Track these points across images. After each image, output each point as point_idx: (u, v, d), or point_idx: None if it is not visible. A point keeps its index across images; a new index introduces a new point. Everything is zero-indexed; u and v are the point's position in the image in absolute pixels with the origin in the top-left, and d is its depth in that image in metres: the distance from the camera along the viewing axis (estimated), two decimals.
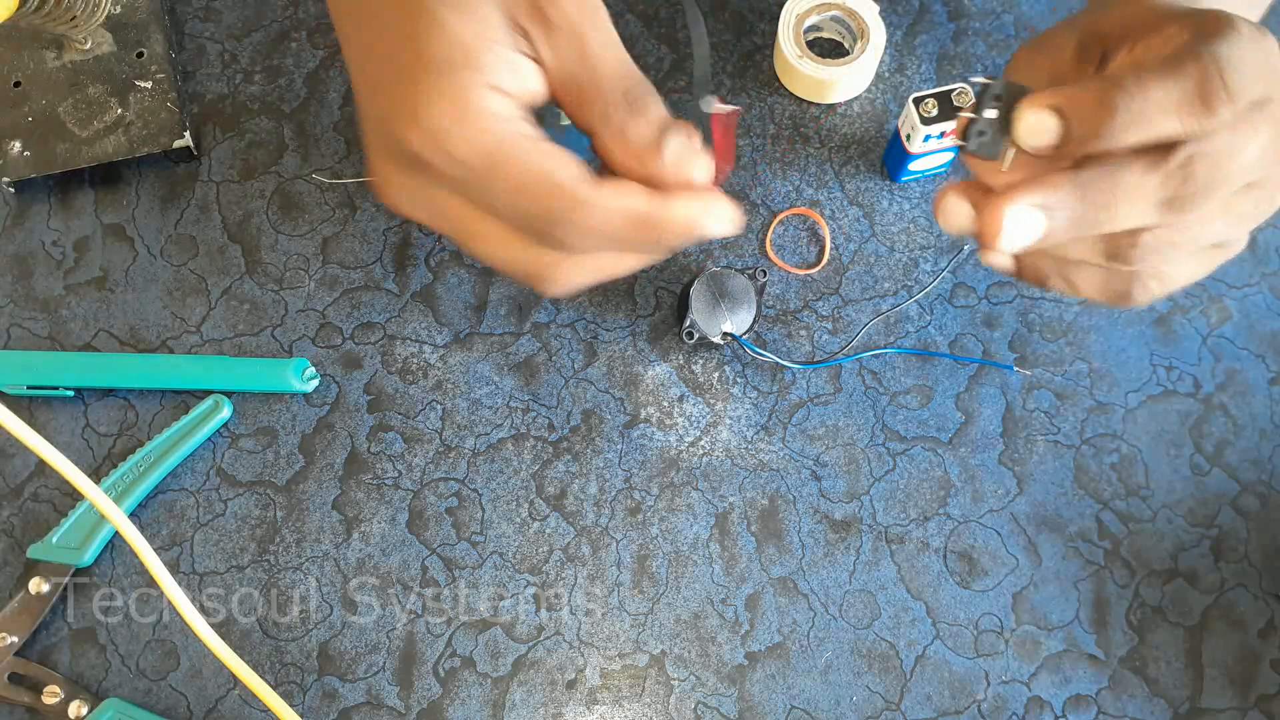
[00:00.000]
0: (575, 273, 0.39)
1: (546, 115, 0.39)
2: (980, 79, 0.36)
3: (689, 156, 0.38)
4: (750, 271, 0.55)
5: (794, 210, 0.59)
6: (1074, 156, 0.35)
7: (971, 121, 0.36)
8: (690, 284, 0.55)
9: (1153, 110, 0.33)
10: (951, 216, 0.37)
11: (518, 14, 0.37)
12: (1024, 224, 0.35)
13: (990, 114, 0.36)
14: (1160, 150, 0.34)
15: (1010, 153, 0.36)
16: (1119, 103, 0.33)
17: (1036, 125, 0.35)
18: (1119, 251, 0.37)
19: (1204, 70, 0.33)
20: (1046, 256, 0.38)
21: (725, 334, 0.55)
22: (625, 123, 0.37)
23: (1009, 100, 0.35)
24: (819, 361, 0.57)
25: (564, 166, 0.36)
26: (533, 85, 0.38)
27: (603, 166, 0.39)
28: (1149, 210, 0.35)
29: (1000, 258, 0.38)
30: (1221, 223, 0.37)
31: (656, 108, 0.38)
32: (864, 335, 0.57)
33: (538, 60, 0.37)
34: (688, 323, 0.55)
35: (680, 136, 0.38)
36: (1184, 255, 0.37)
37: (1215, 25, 0.35)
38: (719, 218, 0.38)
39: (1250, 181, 0.36)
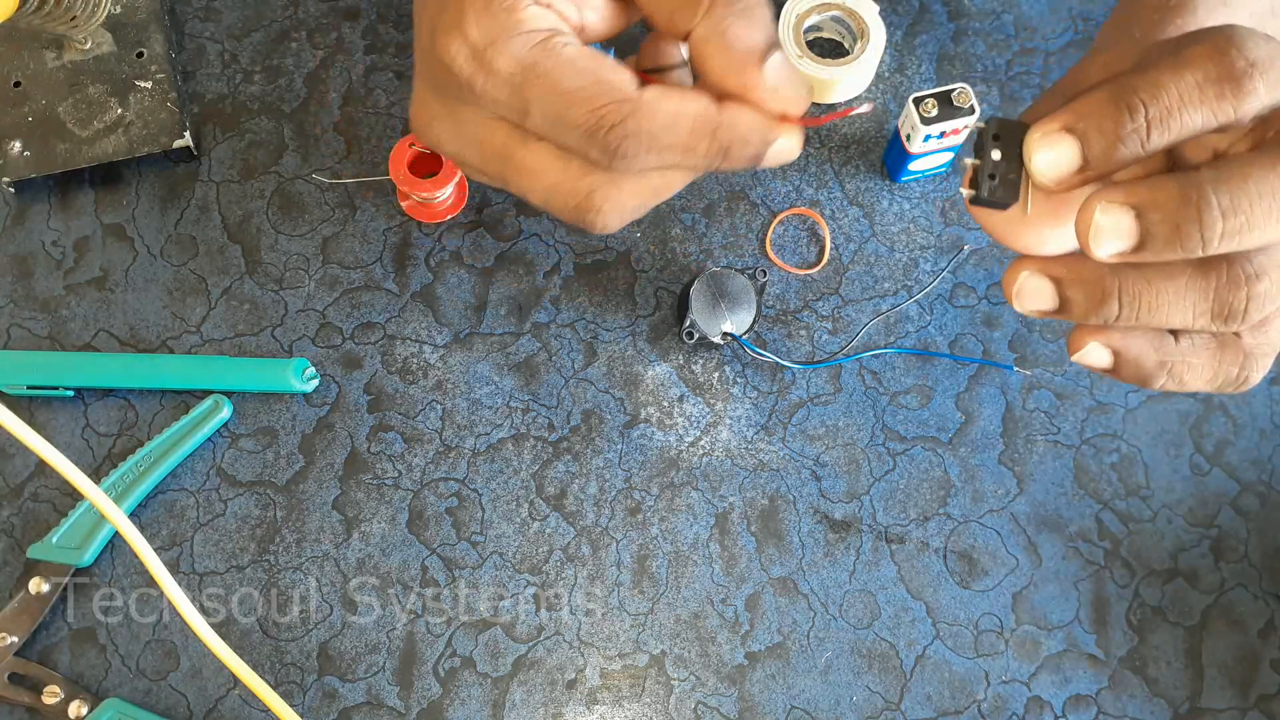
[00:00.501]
0: (625, 197, 0.36)
1: None
2: (974, 122, 0.33)
3: (792, 78, 0.34)
4: (750, 271, 0.55)
5: (794, 210, 0.59)
6: (1101, 179, 0.31)
7: (979, 168, 0.32)
8: (690, 284, 0.55)
9: (1173, 101, 0.29)
10: (1029, 298, 0.33)
11: None
12: (1114, 224, 0.30)
13: (995, 155, 0.32)
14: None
15: (1029, 192, 0.32)
16: (1133, 101, 0.29)
17: (1051, 152, 0.31)
18: (1228, 306, 0.31)
19: (1215, 46, 0.29)
20: (1136, 327, 0.33)
21: (725, 334, 0.55)
22: (731, 22, 0.34)
23: (1011, 137, 0.32)
24: (819, 361, 0.57)
25: (616, 70, 0.34)
26: (591, 16, 0.36)
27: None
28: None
29: (1095, 354, 0.33)
30: None
31: (763, 10, 0.34)
32: (864, 335, 0.57)
33: None
34: (688, 323, 0.55)
35: (784, 59, 0.34)
36: None
37: (1212, 28, 0.31)
38: (788, 142, 0.35)
39: None
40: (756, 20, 0.34)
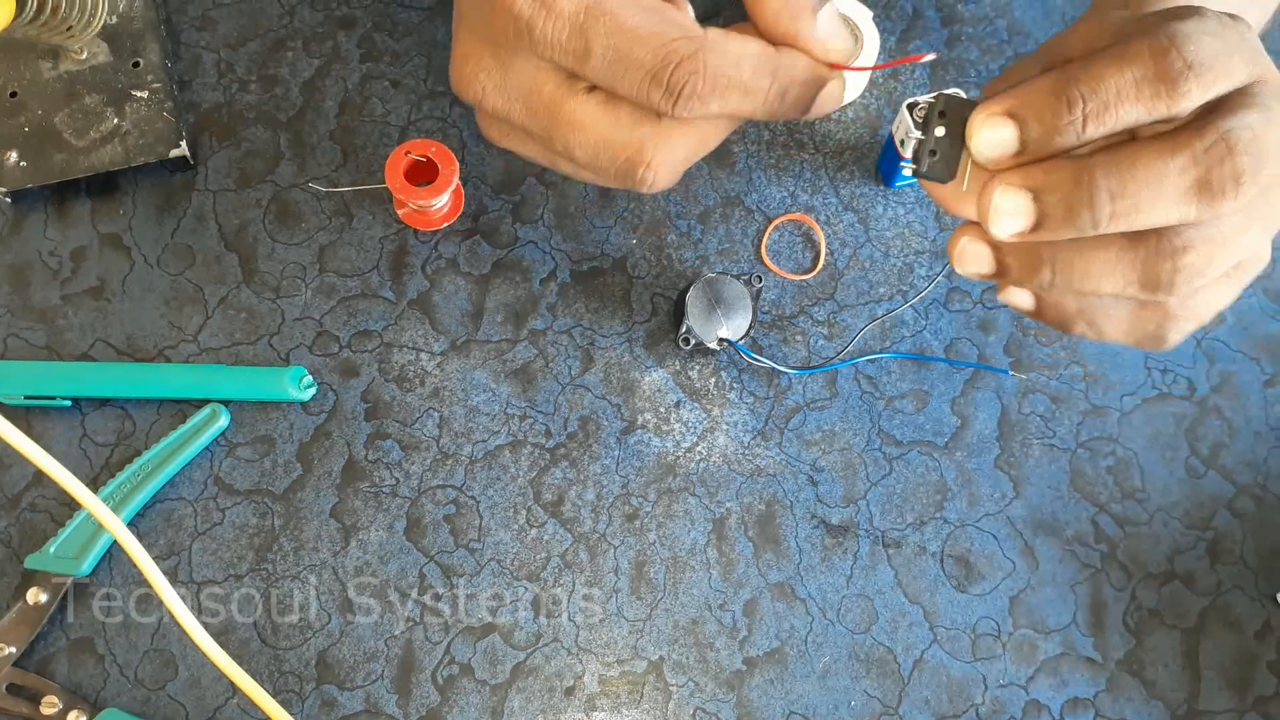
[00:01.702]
0: (676, 149, 0.36)
1: None
2: (924, 98, 0.35)
3: (841, 30, 0.36)
4: (746, 277, 0.56)
5: (789, 216, 0.59)
6: (1037, 162, 0.33)
7: (921, 142, 0.34)
8: (686, 290, 0.55)
9: (1110, 96, 0.31)
10: (969, 261, 0.35)
11: None
12: (1013, 205, 0.32)
13: (939, 132, 0.34)
14: (1191, 130, 0.31)
15: (969, 169, 0.34)
16: (1073, 94, 0.31)
17: (991, 134, 0.32)
18: (1156, 277, 0.32)
19: (1157, 44, 0.30)
20: (1070, 293, 0.35)
21: (721, 340, 0.55)
22: None
23: (957, 115, 0.34)
24: (815, 367, 0.57)
25: (677, 9, 0.35)
26: None
27: None
28: (1177, 199, 0.31)
29: (1018, 296, 0.36)
30: (1254, 229, 0.33)
31: None
32: (859, 340, 0.57)
33: None
34: (684, 328, 0.55)
35: (835, 11, 0.36)
36: (1216, 276, 0.34)
37: (1174, 11, 0.32)
38: (837, 88, 0.36)
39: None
40: None
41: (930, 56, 0.39)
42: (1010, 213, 0.32)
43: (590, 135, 0.36)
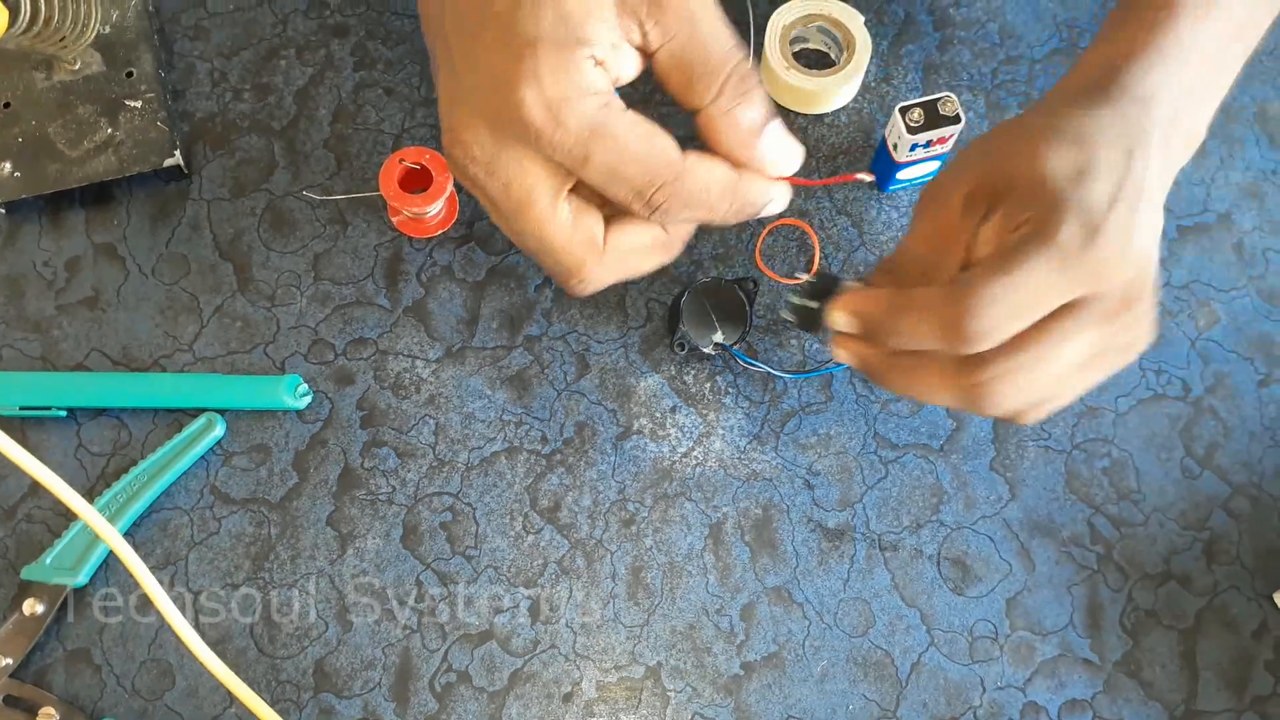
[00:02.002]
0: (609, 273, 0.43)
1: None
2: (805, 277, 0.47)
3: (787, 145, 0.42)
4: (741, 282, 0.56)
5: (783, 221, 0.59)
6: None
7: (798, 308, 0.47)
8: (681, 295, 0.55)
9: (912, 334, 0.42)
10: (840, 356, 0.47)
11: None
12: (844, 321, 0.45)
13: (813, 304, 0.47)
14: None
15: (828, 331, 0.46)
16: (890, 325, 0.43)
17: (840, 321, 0.45)
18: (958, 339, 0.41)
19: (949, 314, 0.40)
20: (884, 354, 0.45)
21: (716, 344, 0.55)
22: (735, 106, 0.40)
23: (826, 291, 0.46)
24: (810, 371, 0.57)
25: (664, 137, 0.40)
26: (626, 69, 0.40)
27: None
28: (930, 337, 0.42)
29: (842, 354, 0.46)
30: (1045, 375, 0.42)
31: (760, 91, 0.40)
32: None
33: (642, 44, 0.40)
34: (678, 334, 0.55)
35: (779, 124, 0.41)
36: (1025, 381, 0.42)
37: (1032, 242, 0.40)
38: (782, 198, 0.43)
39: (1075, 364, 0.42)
40: (756, 102, 0.40)
41: (867, 178, 0.48)
42: (843, 323, 0.45)
43: (546, 237, 0.41)
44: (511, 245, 0.59)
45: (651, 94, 0.61)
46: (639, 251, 0.43)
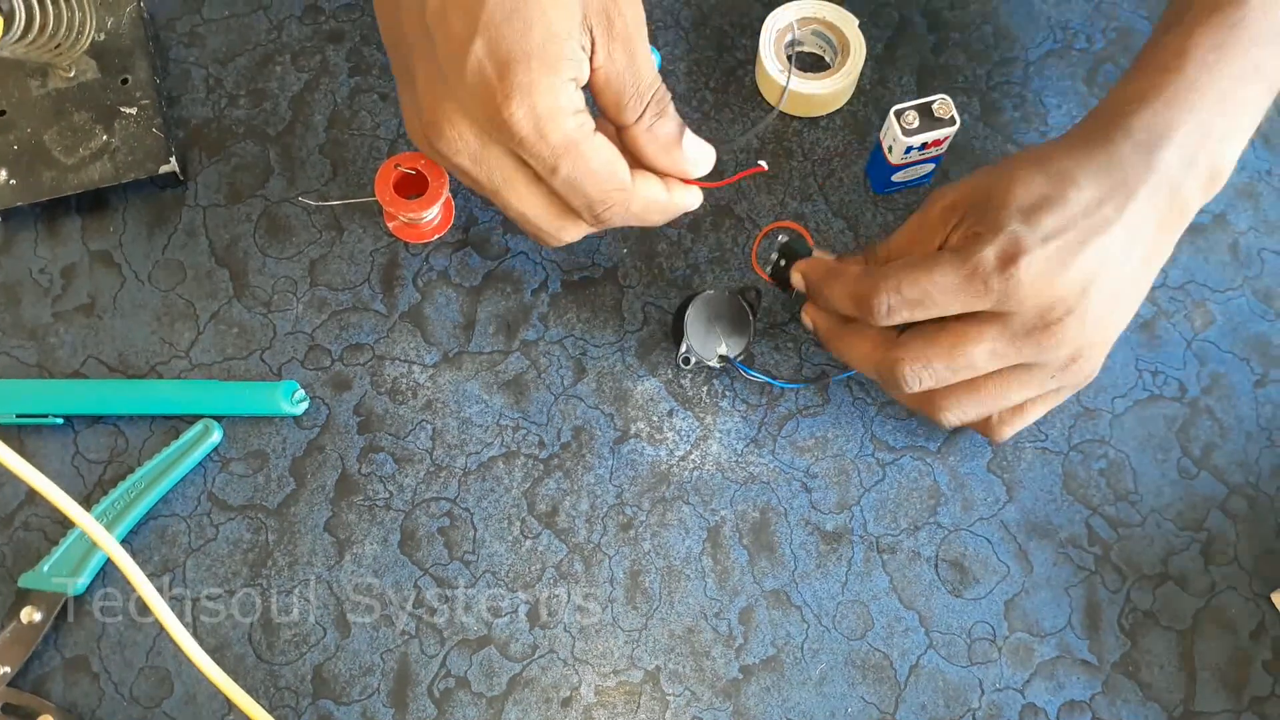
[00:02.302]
0: (577, 235, 0.50)
1: None
2: (783, 238, 0.54)
3: (702, 148, 0.50)
4: (743, 292, 0.56)
5: (778, 224, 0.59)
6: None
7: (775, 265, 0.54)
8: (684, 309, 0.55)
9: (838, 300, 0.50)
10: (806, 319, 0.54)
11: (590, 14, 0.43)
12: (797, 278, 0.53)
13: (783, 262, 0.54)
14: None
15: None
16: (825, 290, 0.50)
17: (795, 278, 0.53)
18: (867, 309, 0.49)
19: (865, 287, 0.48)
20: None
21: (722, 358, 0.55)
22: (657, 123, 0.47)
23: (794, 255, 0.54)
24: (812, 380, 0.57)
25: (621, 161, 0.47)
26: (582, 82, 0.45)
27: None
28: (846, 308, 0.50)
29: (805, 317, 0.53)
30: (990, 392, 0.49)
31: (673, 109, 0.48)
32: None
33: (590, 60, 0.45)
34: (683, 348, 0.55)
35: (692, 135, 0.49)
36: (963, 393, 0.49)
37: (954, 252, 0.46)
38: (697, 197, 0.51)
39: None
40: (672, 116, 0.48)
41: (763, 167, 0.53)
42: (798, 281, 0.53)
43: (525, 208, 0.47)
44: (508, 250, 0.59)
45: None
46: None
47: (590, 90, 0.46)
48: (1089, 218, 0.45)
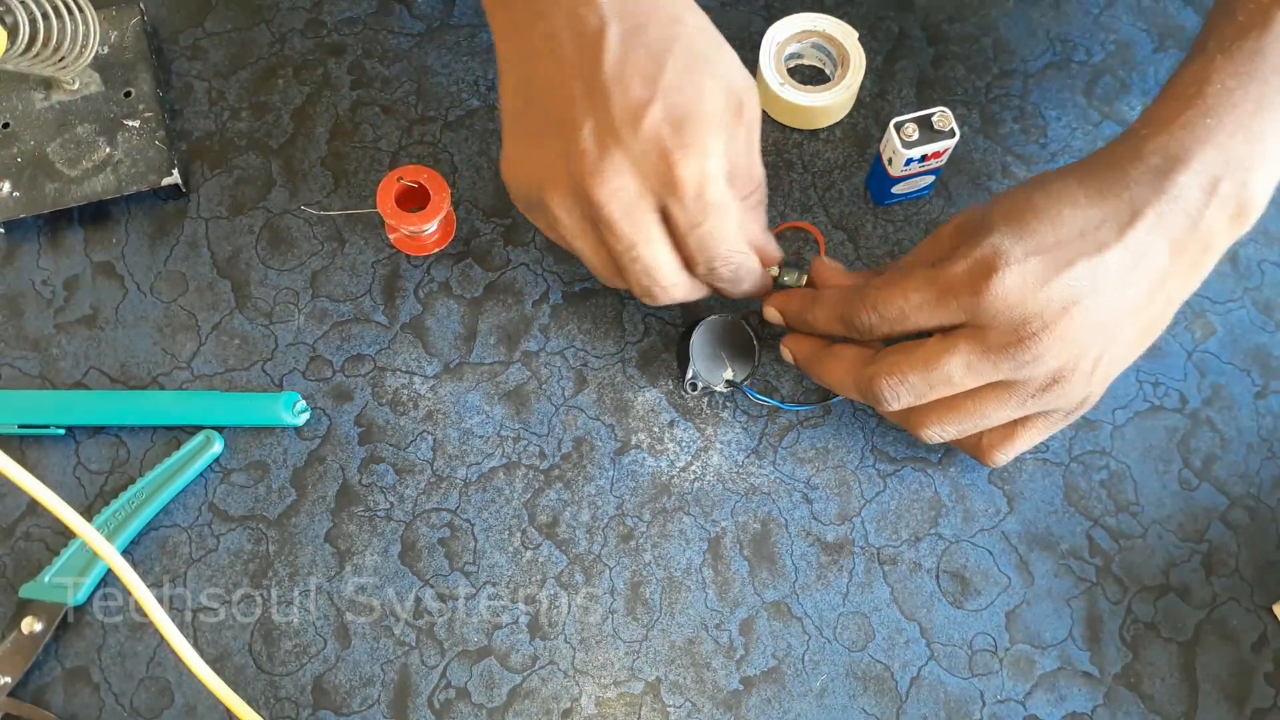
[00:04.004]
0: (686, 294, 0.51)
1: None
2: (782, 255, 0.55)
3: (777, 246, 0.54)
4: (747, 317, 0.56)
5: (787, 225, 0.59)
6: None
7: (781, 274, 0.55)
8: (689, 334, 0.55)
9: (824, 324, 0.52)
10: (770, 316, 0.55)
11: (729, 100, 0.47)
12: (771, 315, 0.55)
13: (785, 279, 0.55)
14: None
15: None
16: (805, 315, 0.53)
17: (771, 315, 0.55)
18: (851, 326, 0.51)
19: (846, 307, 0.50)
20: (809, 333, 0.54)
21: (728, 382, 0.55)
22: (758, 206, 0.52)
23: (797, 266, 0.55)
24: (815, 402, 0.57)
25: (752, 229, 0.51)
26: None
27: None
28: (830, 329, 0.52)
29: (771, 312, 0.55)
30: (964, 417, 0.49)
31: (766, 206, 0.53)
32: None
33: None
34: (690, 374, 0.55)
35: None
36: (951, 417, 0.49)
37: (932, 268, 0.47)
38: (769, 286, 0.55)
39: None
40: (765, 206, 0.53)
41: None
42: (772, 316, 0.55)
43: (655, 260, 0.48)
44: (509, 262, 0.59)
45: None
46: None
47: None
48: (1083, 238, 0.45)
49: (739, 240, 0.49)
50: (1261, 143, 0.46)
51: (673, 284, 0.50)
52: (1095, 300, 0.45)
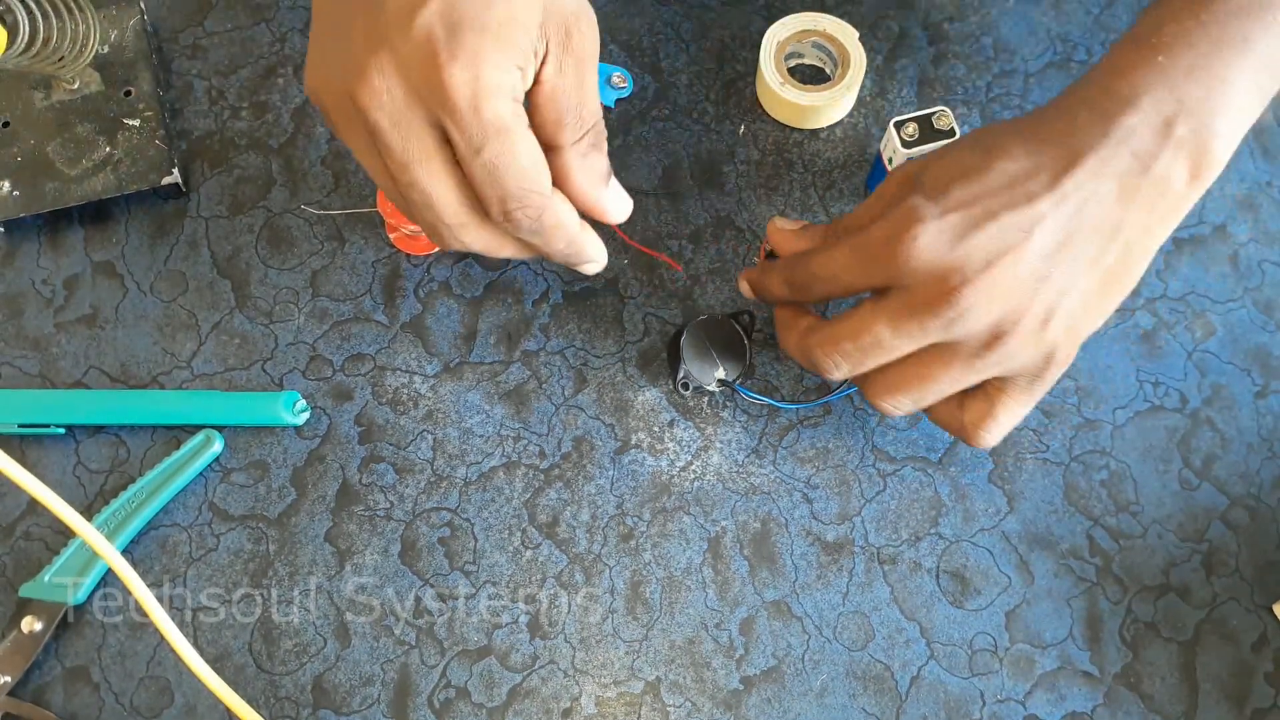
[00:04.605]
0: (473, 242, 0.46)
1: None
2: (767, 248, 0.54)
3: (625, 200, 0.49)
4: (737, 316, 0.56)
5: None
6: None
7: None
8: (679, 335, 0.55)
9: (775, 291, 0.50)
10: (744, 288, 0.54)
11: (550, 22, 0.42)
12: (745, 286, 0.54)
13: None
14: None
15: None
16: (761, 282, 0.52)
17: (744, 289, 0.54)
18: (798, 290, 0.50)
19: (787, 275, 0.49)
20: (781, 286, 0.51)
21: (720, 381, 0.55)
22: (591, 153, 0.46)
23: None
24: (813, 401, 0.57)
25: (546, 167, 0.44)
26: (525, 83, 0.43)
27: None
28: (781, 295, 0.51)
29: (743, 285, 0.53)
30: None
31: (606, 149, 0.47)
32: None
33: (538, 71, 0.43)
34: (681, 374, 0.55)
35: (617, 183, 0.48)
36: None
37: (855, 232, 0.46)
38: (601, 262, 0.51)
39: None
40: (605, 155, 0.47)
41: (678, 266, 0.58)
42: (745, 288, 0.54)
43: (434, 189, 0.43)
44: (509, 261, 0.59)
45: (648, 108, 0.61)
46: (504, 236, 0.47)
47: (530, 104, 0.44)
48: (1011, 189, 0.43)
49: (538, 179, 0.43)
50: (1222, 85, 0.44)
51: (458, 222, 0.44)
52: (1028, 251, 0.43)
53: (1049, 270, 0.43)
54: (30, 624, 0.52)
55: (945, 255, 0.43)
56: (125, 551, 0.54)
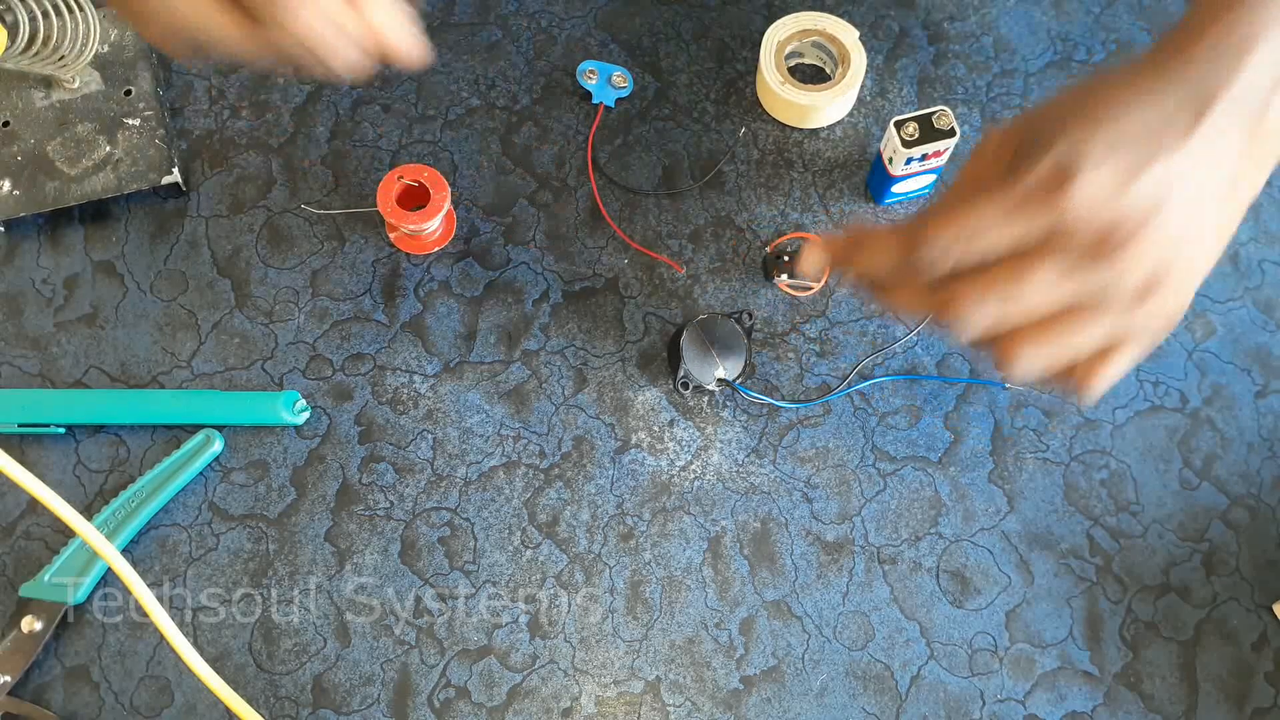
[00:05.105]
0: (235, 39, 0.43)
1: None
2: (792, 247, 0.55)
3: (403, 24, 0.44)
4: (736, 315, 0.56)
5: (786, 236, 0.59)
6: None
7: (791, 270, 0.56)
8: (678, 334, 0.55)
9: (880, 264, 0.44)
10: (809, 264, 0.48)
11: None
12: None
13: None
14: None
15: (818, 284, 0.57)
16: (856, 257, 0.45)
17: (811, 263, 0.47)
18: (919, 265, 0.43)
19: (911, 240, 0.43)
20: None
21: (720, 380, 0.55)
22: None
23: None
24: (813, 400, 0.57)
25: None
26: None
27: None
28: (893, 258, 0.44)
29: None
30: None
31: None
32: (852, 358, 0.57)
33: None
34: (681, 373, 0.55)
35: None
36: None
37: (1001, 177, 0.41)
38: (349, 71, 0.44)
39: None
40: None
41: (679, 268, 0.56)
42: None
43: (200, 17, 0.42)
44: (509, 261, 0.59)
45: (648, 108, 0.61)
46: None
47: None
48: (1158, 132, 0.40)
49: None
50: None
51: (216, 24, 0.42)
52: (1179, 200, 0.41)
53: (1196, 221, 0.42)
54: (30, 624, 0.52)
55: (1112, 203, 0.40)
56: (125, 551, 0.54)
